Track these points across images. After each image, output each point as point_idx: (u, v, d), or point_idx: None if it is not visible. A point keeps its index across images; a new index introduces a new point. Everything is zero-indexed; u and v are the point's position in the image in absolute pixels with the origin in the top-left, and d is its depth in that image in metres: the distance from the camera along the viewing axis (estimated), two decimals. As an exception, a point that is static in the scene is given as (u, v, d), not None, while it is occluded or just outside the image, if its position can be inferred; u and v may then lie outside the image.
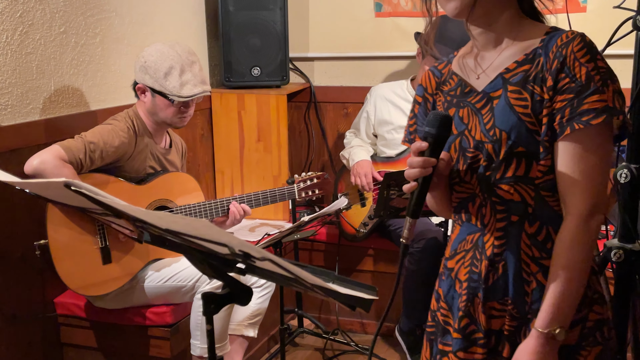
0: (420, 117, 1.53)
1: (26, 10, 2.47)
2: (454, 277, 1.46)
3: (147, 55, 2.51)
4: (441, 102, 1.47)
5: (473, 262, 1.41)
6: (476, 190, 1.39)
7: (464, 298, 1.41)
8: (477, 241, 1.41)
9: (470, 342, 1.41)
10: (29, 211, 2.49)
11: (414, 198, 1.34)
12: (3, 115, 2.42)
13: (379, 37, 3.70)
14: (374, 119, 3.39)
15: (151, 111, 2.56)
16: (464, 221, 1.44)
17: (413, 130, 1.54)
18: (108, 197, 1.03)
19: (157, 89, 2.49)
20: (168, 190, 2.62)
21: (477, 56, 1.42)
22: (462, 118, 1.40)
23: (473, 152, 1.37)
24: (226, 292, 1.27)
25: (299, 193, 2.81)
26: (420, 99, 1.52)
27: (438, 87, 1.49)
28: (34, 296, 2.58)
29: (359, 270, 3.48)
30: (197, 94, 2.52)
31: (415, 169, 1.32)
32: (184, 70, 2.50)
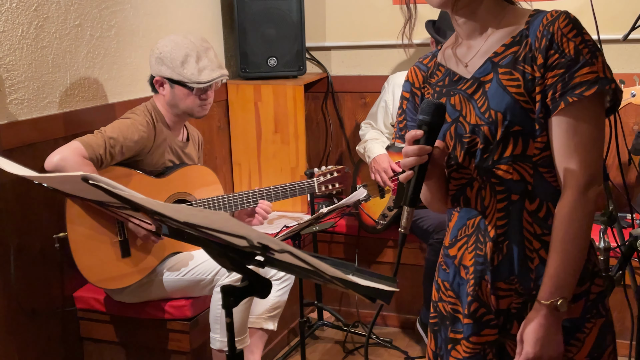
0: (408, 113, 1.56)
1: (41, 3, 2.50)
2: (458, 264, 1.48)
3: (161, 47, 2.52)
4: (430, 94, 1.50)
5: (477, 245, 1.43)
6: (474, 174, 1.42)
7: (471, 282, 1.44)
8: (478, 224, 1.43)
9: (481, 325, 1.44)
10: (48, 206, 2.52)
11: (411, 187, 1.37)
12: (19, 109, 2.44)
13: (397, 24, 3.65)
14: (392, 108, 3.38)
15: (171, 103, 2.57)
16: (462, 207, 1.47)
17: (403, 126, 1.58)
18: (126, 190, 1.04)
19: (176, 79, 2.51)
20: (187, 183, 2.64)
21: (463, 45, 1.46)
22: (454, 105, 1.43)
23: (469, 136, 1.40)
24: (245, 285, 1.28)
25: (319, 187, 2.81)
26: (407, 95, 1.56)
27: (425, 81, 1.52)
28: (54, 291, 2.61)
29: (379, 262, 3.48)
30: (216, 78, 2.53)
31: (411, 158, 1.35)
32: (200, 56, 2.51)
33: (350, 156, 3.90)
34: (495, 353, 1.45)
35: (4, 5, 2.34)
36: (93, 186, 1.05)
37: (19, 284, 2.44)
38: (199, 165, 2.74)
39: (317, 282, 1.42)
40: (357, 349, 3.26)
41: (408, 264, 3.40)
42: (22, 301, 2.47)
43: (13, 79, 2.41)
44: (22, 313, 2.47)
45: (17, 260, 2.41)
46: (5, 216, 2.37)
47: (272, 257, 1.13)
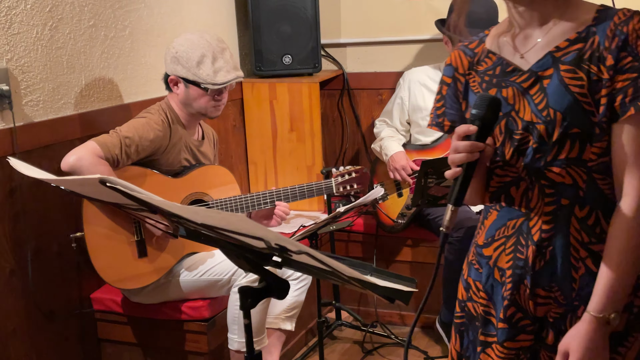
0: (448, 99, 1.49)
1: (55, 4, 2.52)
2: (493, 265, 1.44)
3: (177, 45, 2.54)
4: (477, 82, 1.44)
5: (517, 248, 1.39)
6: (522, 173, 1.36)
7: (509, 286, 1.39)
8: (520, 226, 1.38)
9: (517, 330, 1.40)
10: (64, 207, 2.55)
11: (457, 185, 1.31)
12: (35, 111, 2.47)
13: (413, 20, 3.68)
14: (408, 104, 3.38)
15: (185, 102, 2.59)
16: (503, 206, 1.42)
17: (441, 113, 1.51)
18: (143, 192, 1.06)
19: (191, 79, 2.53)
20: (204, 183, 2.66)
21: (520, 34, 1.39)
22: (507, 98, 1.37)
23: (521, 133, 1.34)
24: (263, 285, 1.29)
25: (336, 188, 2.82)
26: (449, 80, 1.49)
27: (471, 67, 1.45)
28: (71, 292, 2.65)
29: (398, 261, 3.49)
30: (231, 80, 2.55)
31: (461, 154, 1.30)
32: (216, 57, 2.52)
33: (367, 154, 3.91)
34: (530, 359, 1.42)
35: (18, 7, 2.37)
36: (110, 189, 1.07)
37: (37, 285, 2.47)
38: (215, 165, 2.76)
39: (334, 282, 1.43)
40: (375, 349, 3.27)
41: (427, 262, 3.40)
42: (40, 303, 2.50)
43: (28, 80, 2.44)
44: (40, 315, 2.51)
45: (35, 261, 2.45)
46: (23, 218, 2.41)
47: (290, 258, 1.14)
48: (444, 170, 2.61)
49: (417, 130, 3.37)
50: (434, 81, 3.33)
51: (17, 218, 2.39)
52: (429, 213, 3.21)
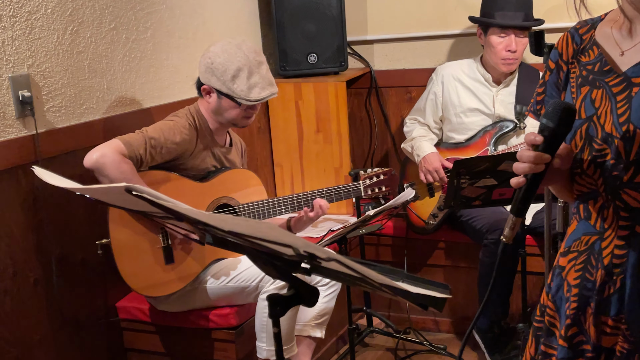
0: (549, 87, 1.44)
1: (76, 8, 2.57)
2: (564, 277, 1.39)
3: (213, 55, 2.55)
4: (575, 74, 1.37)
5: (587, 267, 1.33)
6: (600, 188, 1.30)
7: (573, 305, 1.34)
8: (593, 245, 1.33)
9: (576, 353, 1.36)
10: (88, 215, 2.60)
11: (520, 195, 1.28)
12: (57, 117, 2.52)
13: (443, 14, 3.67)
14: (441, 100, 3.37)
15: (216, 112, 2.62)
16: (581, 218, 1.36)
17: (540, 99, 1.46)
18: (170, 200, 1.08)
19: (224, 92, 2.55)
20: (230, 187, 2.68)
21: (624, 26, 1.30)
22: (594, 101, 1.29)
23: (600, 144, 1.27)
24: (292, 293, 1.31)
25: (364, 190, 2.82)
26: (553, 65, 1.42)
27: (575, 55, 1.38)
28: (96, 301, 2.69)
29: (430, 265, 3.48)
30: (265, 97, 2.57)
31: (525, 164, 1.25)
32: (252, 72, 2.54)
33: (396, 154, 3.91)
34: None
35: (39, 12, 2.42)
36: (136, 197, 1.09)
37: (62, 294, 2.52)
38: (241, 169, 2.79)
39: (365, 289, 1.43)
40: (409, 356, 3.27)
41: (460, 266, 3.39)
42: (65, 312, 2.54)
43: (50, 86, 2.48)
44: (65, 324, 2.55)
45: (59, 270, 2.49)
46: (47, 226, 2.45)
47: (319, 265, 1.15)
48: (477, 170, 2.62)
49: (450, 127, 3.36)
50: (469, 76, 3.32)
51: (41, 226, 2.44)
52: (462, 214, 3.20)
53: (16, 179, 2.35)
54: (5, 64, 2.31)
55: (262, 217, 2.69)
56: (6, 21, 2.31)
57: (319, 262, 1.12)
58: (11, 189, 2.33)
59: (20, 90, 2.35)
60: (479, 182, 2.67)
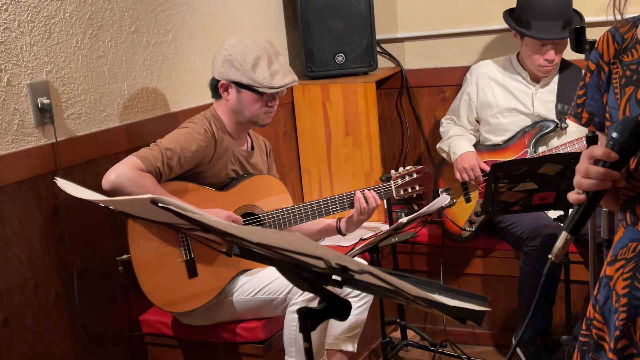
0: (590, 89, 1.45)
1: (95, 11, 2.62)
2: (612, 287, 1.39)
3: (230, 48, 2.59)
4: (618, 75, 1.38)
5: (636, 275, 1.34)
6: None
7: (622, 316, 1.35)
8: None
9: None
10: (110, 226, 2.64)
11: (578, 212, 1.28)
12: (77, 124, 2.57)
13: (477, 9, 3.67)
14: (476, 101, 3.37)
15: (235, 109, 2.64)
16: (628, 224, 1.37)
17: (581, 102, 1.47)
18: (197, 212, 1.10)
19: (245, 83, 2.57)
20: (253, 195, 2.70)
21: None
22: (639, 101, 1.31)
23: None
24: (323, 306, 1.32)
25: (396, 191, 2.82)
26: (593, 67, 1.44)
27: (617, 55, 1.39)
28: (119, 314, 2.73)
29: (467, 274, 3.47)
30: (289, 83, 2.59)
31: (591, 181, 1.24)
32: (272, 60, 2.58)
33: (430, 157, 3.91)
34: None
35: (57, 16, 2.47)
36: (162, 209, 1.11)
37: (84, 308, 2.56)
38: (264, 175, 2.80)
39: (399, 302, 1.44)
40: (446, 370, 3.26)
41: (499, 275, 3.38)
42: (88, 326, 2.59)
43: (69, 92, 2.53)
44: (88, 339, 2.60)
45: (81, 283, 2.54)
46: (68, 238, 2.50)
47: (351, 277, 1.17)
48: (516, 173, 2.62)
49: (487, 129, 3.35)
50: (505, 75, 3.31)
51: (62, 238, 2.49)
52: (501, 220, 3.19)
53: (36, 189, 2.40)
54: (23, 71, 2.36)
55: (287, 225, 2.70)
56: (24, 27, 2.36)
57: (351, 275, 1.13)
58: (31, 200, 2.38)
59: (39, 97, 2.40)
60: (518, 186, 2.66)
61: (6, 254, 2.30)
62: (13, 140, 2.34)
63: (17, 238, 2.33)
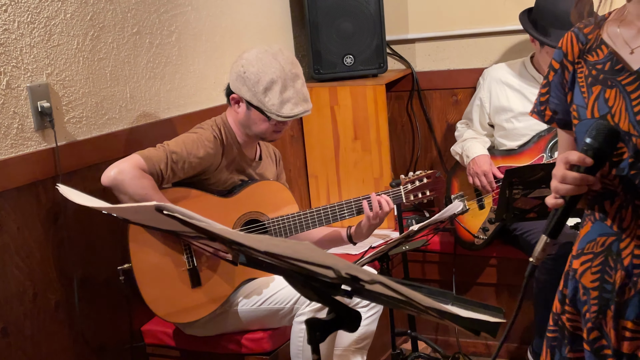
0: (554, 87, 1.51)
1: (96, 12, 2.63)
2: (578, 279, 1.46)
3: (246, 64, 2.57)
4: (583, 75, 1.44)
5: (605, 269, 1.40)
6: (617, 188, 1.37)
7: (594, 309, 1.41)
8: (610, 246, 1.40)
9: (599, 358, 1.42)
10: (112, 233, 2.65)
11: (556, 216, 1.35)
12: (78, 128, 2.58)
13: (490, 9, 3.67)
14: (489, 106, 3.37)
15: (244, 123, 2.65)
16: (596, 219, 1.43)
17: (544, 100, 1.53)
18: (203, 220, 1.11)
19: (255, 104, 2.58)
20: (258, 201, 2.71)
21: (632, 25, 1.38)
22: (607, 100, 1.37)
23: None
24: (332, 317, 1.32)
25: (406, 196, 2.82)
26: (557, 66, 1.50)
27: (581, 55, 1.45)
28: (121, 324, 2.74)
29: (480, 283, 3.47)
30: (298, 114, 2.59)
31: (568, 186, 1.31)
32: (286, 86, 2.56)
33: (442, 162, 3.91)
34: None
35: (57, 17, 2.49)
36: (167, 216, 1.12)
37: (84, 317, 2.57)
38: (269, 181, 2.81)
39: (410, 313, 1.45)
40: (458, 384, 3.26)
41: (514, 284, 3.37)
42: (89, 337, 2.60)
43: (70, 95, 2.55)
44: (88, 349, 2.60)
45: (82, 291, 2.55)
46: (68, 245, 2.51)
47: (362, 287, 1.17)
48: (531, 179, 2.61)
49: (502, 133, 3.36)
50: (519, 78, 3.31)
51: (62, 245, 2.50)
52: (516, 228, 3.19)
53: (36, 195, 2.41)
54: (23, 73, 2.38)
55: (294, 232, 2.71)
56: (24, 28, 2.38)
57: (361, 285, 1.14)
58: (31, 206, 2.40)
59: (39, 100, 2.42)
60: (533, 193, 2.66)
61: (5, 261, 2.31)
62: (12, 145, 2.35)
63: (16, 245, 2.34)
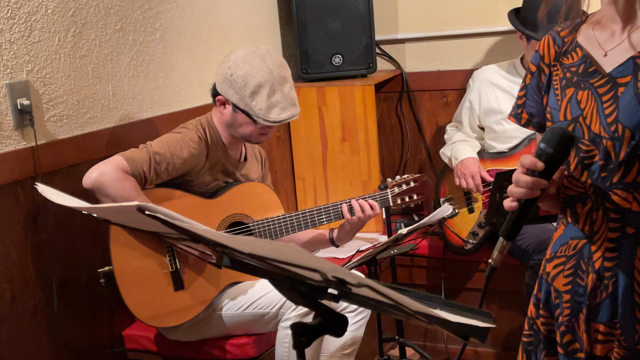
0: (531, 90, 1.54)
1: (78, 8, 2.62)
2: (550, 282, 1.49)
3: (234, 66, 2.57)
4: (558, 77, 1.47)
5: (577, 272, 1.42)
6: (588, 191, 1.40)
7: (567, 312, 1.43)
8: (581, 249, 1.42)
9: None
10: (93, 234, 2.64)
11: (512, 219, 1.38)
12: (59, 127, 2.57)
13: (482, 9, 3.69)
14: (478, 108, 3.38)
15: (229, 125, 2.65)
16: (569, 222, 1.46)
17: (522, 103, 1.57)
18: (186, 221, 1.11)
19: (241, 107, 2.58)
20: (243, 203, 2.71)
21: (606, 28, 1.42)
22: (580, 102, 1.40)
23: (587, 145, 1.38)
24: (318, 321, 1.32)
25: (393, 199, 2.83)
26: (534, 69, 1.54)
27: (557, 58, 1.49)
28: (101, 329, 2.72)
29: (469, 288, 3.48)
30: (285, 119, 2.59)
31: (521, 189, 1.35)
32: (274, 90, 2.56)
33: (431, 165, 3.91)
34: None
35: (38, 13, 2.47)
36: (149, 217, 1.12)
37: (64, 321, 2.55)
38: (254, 183, 2.81)
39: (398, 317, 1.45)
40: (446, 391, 3.26)
41: (504, 290, 3.38)
42: (68, 341, 2.58)
43: (51, 93, 2.53)
44: (68, 354, 2.59)
45: (61, 295, 2.53)
46: (47, 247, 2.49)
47: (349, 291, 1.17)
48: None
49: (492, 136, 3.37)
50: (509, 80, 3.32)
51: (41, 247, 2.48)
52: (506, 233, 3.20)
53: (15, 196, 2.39)
54: (2, 70, 2.36)
55: (279, 234, 2.71)
56: (3, 23, 2.36)
57: (349, 289, 1.14)
58: (9, 207, 2.38)
59: (18, 98, 2.40)
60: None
61: (-18, 263, 2.30)
62: (-10, 144, 2.34)
63: (-7, 247, 2.33)
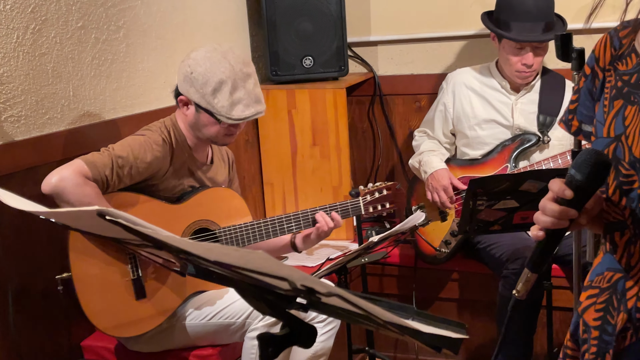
0: (583, 95, 1.43)
1: (38, 4, 2.59)
2: (580, 314, 1.40)
3: (194, 64, 2.55)
4: (610, 85, 1.36)
5: (609, 308, 1.33)
6: (627, 220, 1.30)
7: (593, 350, 1.35)
8: (615, 283, 1.33)
9: None
10: (51, 241, 2.60)
11: (538, 250, 1.30)
12: (16, 128, 2.53)
13: (456, 12, 3.71)
14: (452, 111, 3.40)
15: (193, 126, 2.63)
16: (607, 251, 1.37)
17: (573, 109, 1.46)
18: (148, 226, 1.09)
19: (203, 106, 2.57)
20: (209, 209, 2.69)
21: None
22: (626, 118, 1.28)
23: (627, 169, 1.27)
24: (285, 332, 1.31)
25: (365, 208, 2.84)
26: (588, 71, 1.41)
27: (612, 62, 1.36)
28: (59, 339, 2.69)
29: (442, 298, 3.49)
30: (249, 116, 2.57)
31: (548, 218, 1.25)
32: (237, 86, 2.55)
33: (403, 171, 3.93)
34: None
35: (-4, 8, 2.44)
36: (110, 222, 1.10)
37: (20, 331, 2.51)
38: (221, 188, 2.79)
39: (369, 328, 1.44)
40: (417, 404, 3.27)
41: (477, 300, 3.40)
42: (24, 351, 2.54)
43: (8, 92, 2.50)
44: (23, 366, 2.55)
45: (17, 304, 2.49)
46: (3, 253, 2.45)
47: (318, 300, 1.16)
48: (496, 190, 2.64)
49: (464, 142, 3.38)
50: (484, 84, 3.34)
51: (-3, 253, 2.45)
52: (480, 241, 3.22)
53: (-32, 199, 2.35)
54: (-43, 68, 2.33)
55: (246, 242, 2.70)
56: (-41, 19, 2.33)
57: (318, 298, 1.13)
58: (-37, 211, 2.34)
59: (-26, 97, 2.37)
60: (498, 204, 2.68)
61: None
62: (-57, 144, 2.30)
63: (-55, 253, 2.29)
